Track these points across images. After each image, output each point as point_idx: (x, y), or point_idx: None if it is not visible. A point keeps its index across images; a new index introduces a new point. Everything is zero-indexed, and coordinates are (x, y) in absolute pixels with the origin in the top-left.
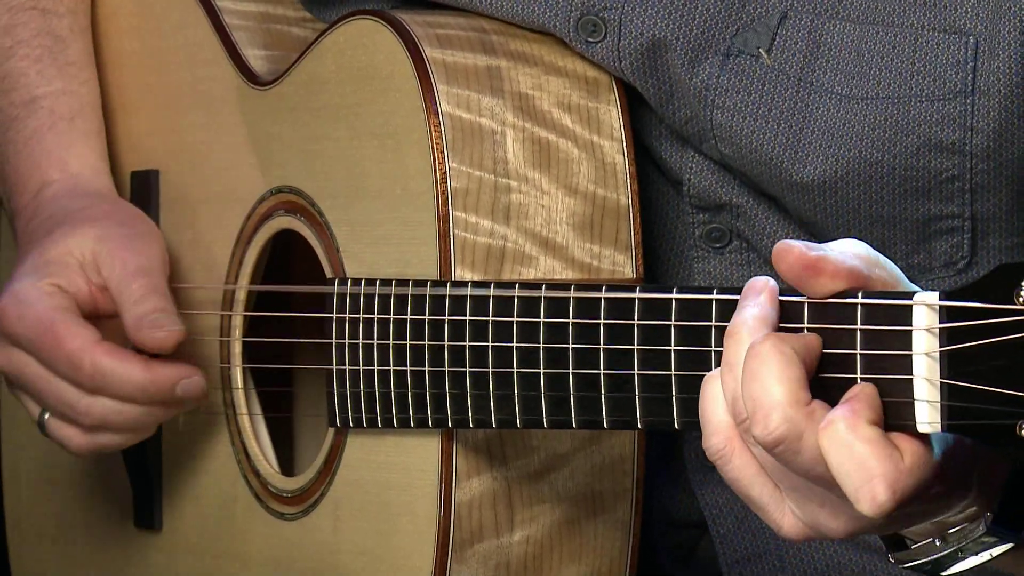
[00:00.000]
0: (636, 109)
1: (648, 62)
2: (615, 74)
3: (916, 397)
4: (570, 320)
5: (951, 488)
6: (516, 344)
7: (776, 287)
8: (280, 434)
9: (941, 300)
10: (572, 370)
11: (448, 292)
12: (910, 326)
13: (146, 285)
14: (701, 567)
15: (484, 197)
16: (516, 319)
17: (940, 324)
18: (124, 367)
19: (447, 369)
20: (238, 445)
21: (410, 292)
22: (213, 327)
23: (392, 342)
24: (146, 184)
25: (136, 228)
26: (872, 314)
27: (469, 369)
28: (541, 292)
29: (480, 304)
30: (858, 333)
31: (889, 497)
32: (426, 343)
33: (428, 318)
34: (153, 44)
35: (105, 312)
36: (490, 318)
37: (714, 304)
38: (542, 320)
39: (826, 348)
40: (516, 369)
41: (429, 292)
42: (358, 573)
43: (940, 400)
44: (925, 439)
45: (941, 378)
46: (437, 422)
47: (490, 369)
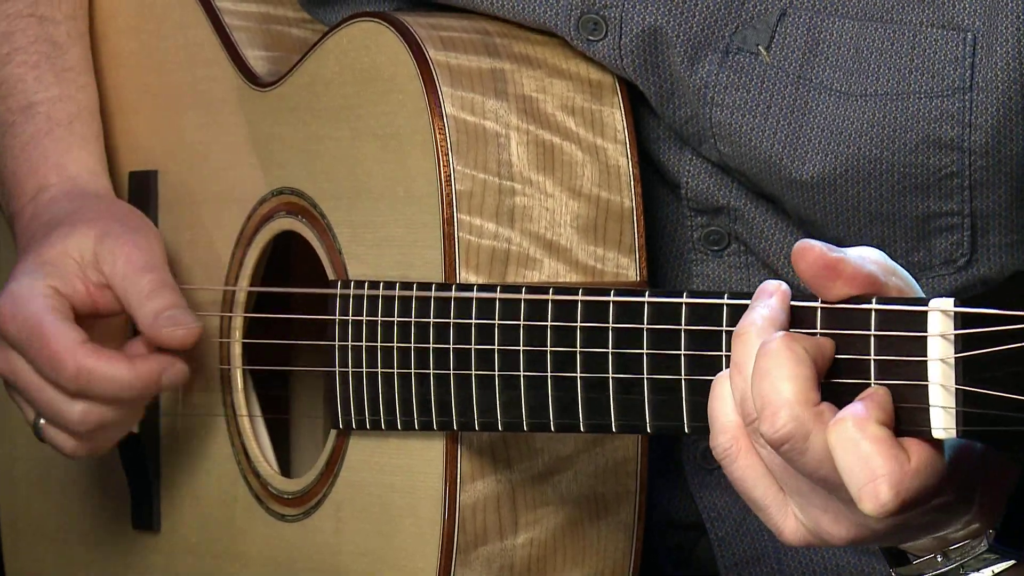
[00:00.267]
0: (635, 112)
1: (649, 59)
2: (617, 72)
3: (931, 403)
4: (578, 324)
5: (955, 498)
6: (523, 348)
7: (788, 290)
8: (277, 436)
9: (957, 306)
10: (580, 374)
11: (453, 295)
12: (925, 332)
13: (155, 280)
14: (700, 569)
15: (488, 200)
16: (523, 322)
17: (955, 330)
18: (108, 366)
19: (452, 373)
20: (238, 446)
21: (414, 294)
22: (213, 328)
23: (396, 345)
24: (145, 184)
25: (135, 223)
26: (886, 320)
27: (475, 373)
28: (548, 295)
29: (486, 307)
30: (872, 339)
31: (892, 497)
32: (431, 346)
33: (433, 321)
34: (153, 44)
35: (107, 311)
36: (496, 321)
37: (724, 308)
38: (549, 323)
39: (840, 354)
40: (523, 373)
41: (434, 294)
42: (360, 575)
43: (955, 406)
44: (934, 444)
45: (956, 384)
46: (441, 425)
47: (496, 373)
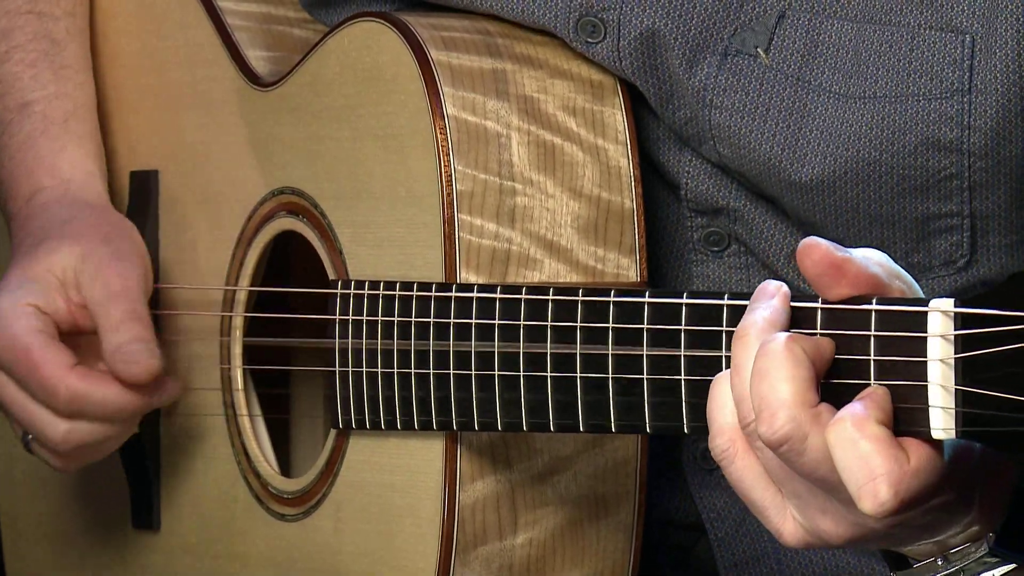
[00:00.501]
0: (635, 113)
1: (648, 62)
2: (616, 74)
3: (931, 403)
4: (578, 324)
5: (955, 498)
6: (523, 348)
7: (788, 291)
8: (277, 435)
9: (956, 307)
10: (580, 374)
11: (453, 295)
12: (925, 332)
13: (125, 311)
14: (699, 569)
15: (489, 200)
16: (523, 322)
17: (955, 331)
18: (100, 390)
19: (452, 373)
20: (238, 446)
21: (415, 294)
22: (213, 328)
23: (396, 345)
24: (145, 184)
25: (120, 245)
26: (886, 320)
27: (475, 373)
28: (548, 295)
29: (486, 307)
30: (872, 339)
31: (891, 497)
32: (431, 346)
33: (433, 321)
34: (153, 44)
35: (85, 329)
36: (496, 321)
37: (725, 309)
38: (549, 324)
39: (839, 354)
40: (522, 373)
41: (434, 295)
42: (359, 575)
43: (955, 407)
44: (933, 444)
45: (956, 385)
46: (441, 425)
47: (496, 373)
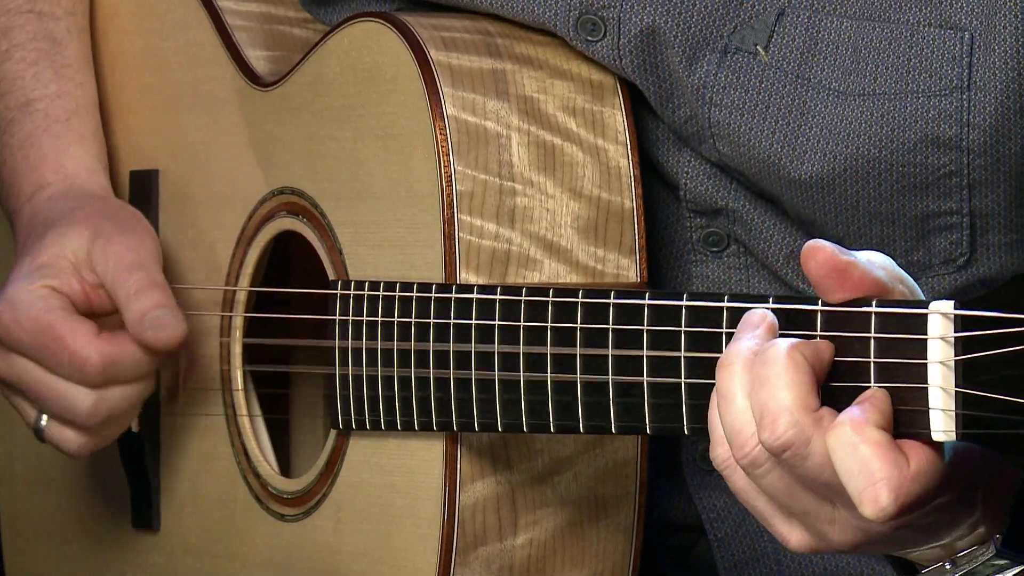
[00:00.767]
0: (635, 113)
1: (648, 60)
2: (616, 72)
3: (931, 406)
4: (578, 325)
5: (956, 498)
6: (523, 349)
7: (774, 321)
8: (276, 435)
9: (956, 309)
10: (580, 376)
11: (453, 295)
12: (925, 335)
13: (142, 279)
14: (698, 570)
15: (489, 200)
16: (523, 323)
17: (955, 333)
18: (130, 350)
19: (452, 374)
20: (238, 446)
21: (415, 295)
22: (213, 328)
23: (396, 345)
24: (145, 184)
25: (127, 222)
26: (886, 322)
27: (475, 374)
28: (548, 296)
29: (486, 308)
30: (872, 341)
31: (892, 501)
32: (431, 347)
33: (433, 321)
34: (154, 44)
35: (102, 310)
36: (496, 322)
37: (725, 311)
38: (549, 325)
39: (839, 356)
40: (523, 374)
41: (434, 295)
42: (359, 575)
43: (955, 409)
44: (933, 446)
45: (956, 387)
46: (441, 426)
47: (496, 374)
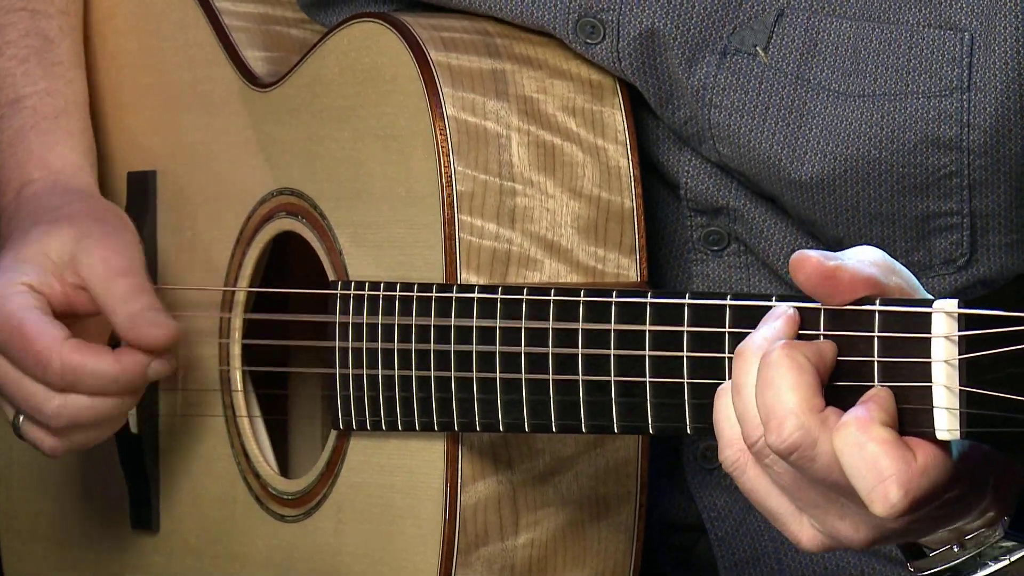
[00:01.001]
0: (634, 113)
1: (647, 62)
2: (616, 75)
3: (935, 404)
4: (580, 325)
5: (967, 491)
6: (524, 349)
7: (795, 315)
8: (275, 436)
9: (960, 308)
10: (582, 376)
11: (454, 295)
12: (929, 333)
13: (132, 284)
14: (699, 569)
15: (489, 200)
16: (524, 324)
17: (959, 332)
18: (94, 361)
19: (453, 374)
20: (237, 447)
21: (415, 295)
22: (212, 329)
23: (397, 346)
24: (143, 184)
25: (113, 225)
26: (890, 321)
27: (476, 374)
28: (550, 296)
29: (487, 308)
30: (875, 340)
31: (901, 497)
32: (432, 347)
33: (434, 322)
34: (152, 45)
35: (82, 312)
36: (498, 322)
37: (727, 310)
38: (551, 325)
39: (843, 355)
40: (524, 375)
41: (435, 295)
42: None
43: (959, 408)
44: (940, 441)
45: (960, 385)
46: (443, 426)
47: (497, 375)
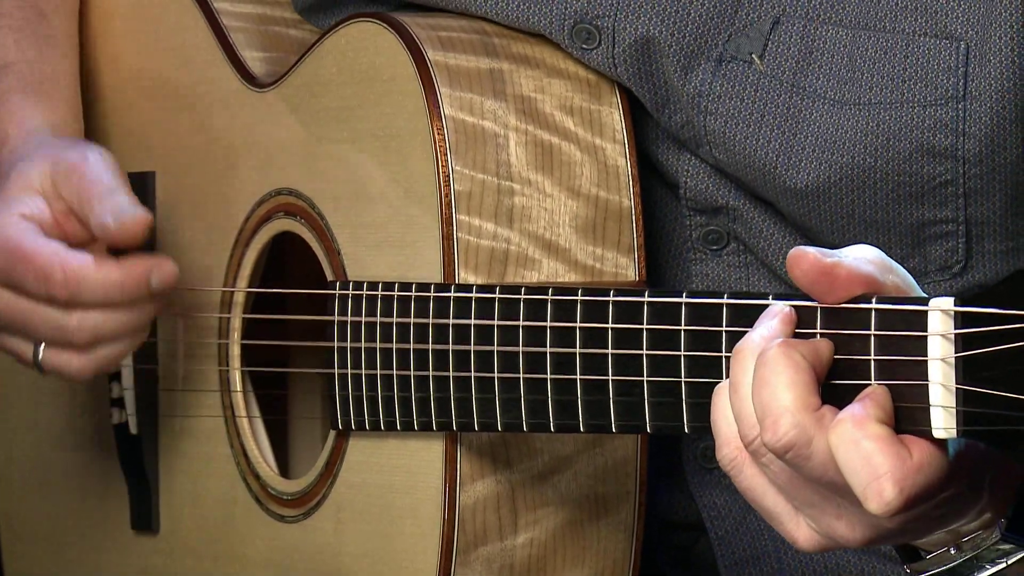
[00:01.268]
0: (634, 112)
1: (643, 68)
2: (611, 79)
3: (931, 403)
4: (577, 324)
5: (963, 490)
6: (522, 348)
7: (791, 313)
8: (275, 436)
9: (956, 306)
10: (580, 376)
11: (452, 295)
12: (925, 331)
13: (106, 187)
14: (699, 568)
15: (487, 200)
16: (522, 323)
17: (955, 330)
18: (96, 268)
19: (451, 374)
20: (237, 447)
21: (413, 295)
22: (211, 329)
23: (395, 346)
24: (142, 185)
25: (84, 147)
26: (886, 319)
27: (474, 374)
28: (547, 296)
29: (485, 307)
30: (872, 339)
31: (896, 495)
32: (430, 347)
33: (432, 322)
34: (151, 46)
35: (75, 237)
36: (496, 322)
37: (724, 308)
38: (548, 324)
39: (839, 354)
40: (522, 375)
41: (433, 295)
42: None
43: (956, 406)
44: (936, 439)
45: (957, 384)
46: (441, 426)
47: (495, 374)
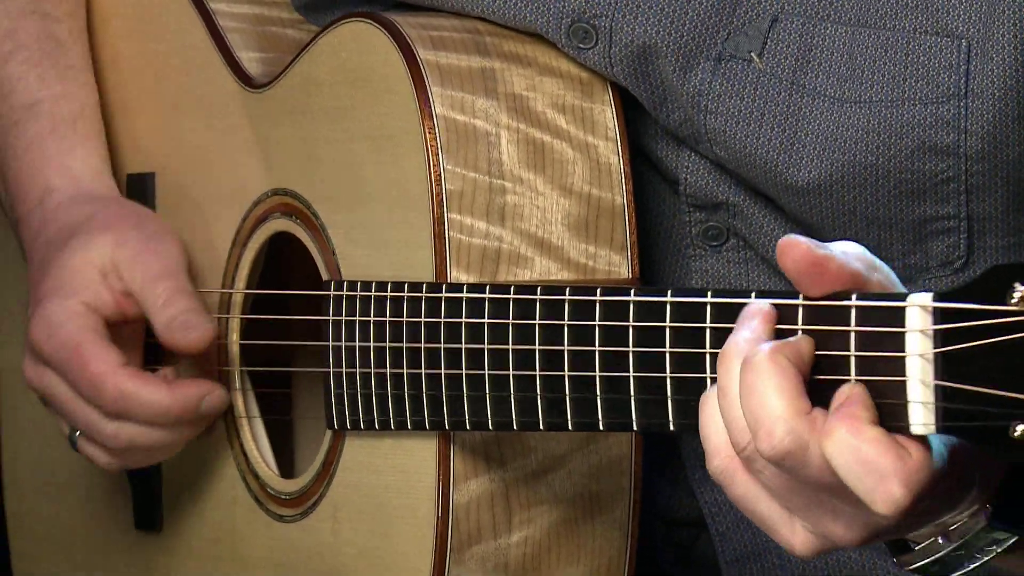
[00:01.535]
0: (632, 109)
1: (640, 68)
2: (608, 79)
3: (910, 399)
4: (566, 322)
5: (955, 484)
6: (512, 347)
7: (772, 311)
8: (280, 436)
9: (935, 301)
10: (568, 373)
11: (444, 294)
12: (903, 328)
13: (171, 287)
14: (700, 565)
15: (479, 199)
16: (512, 321)
17: (934, 326)
18: (147, 390)
19: (443, 372)
20: (237, 448)
21: (406, 295)
22: None
23: (389, 345)
24: (142, 187)
25: (151, 229)
26: (866, 316)
27: (465, 372)
28: (537, 295)
29: (476, 306)
30: (852, 335)
31: (905, 494)
32: (422, 346)
33: (424, 320)
34: (149, 47)
35: (134, 317)
36: (486, 320)
37: (708, 307)
38: (538, 322)
39: (820, 350)
40: (512, 372)
41: (425, 295)
42: (357, 575)
43: (934, 402)
44: (925, 437)
45: (935, 380)
46: (434, 425)
47: (486, 372)
